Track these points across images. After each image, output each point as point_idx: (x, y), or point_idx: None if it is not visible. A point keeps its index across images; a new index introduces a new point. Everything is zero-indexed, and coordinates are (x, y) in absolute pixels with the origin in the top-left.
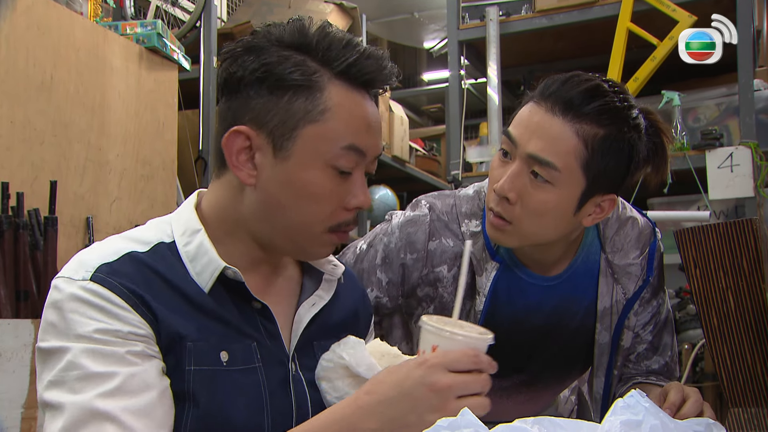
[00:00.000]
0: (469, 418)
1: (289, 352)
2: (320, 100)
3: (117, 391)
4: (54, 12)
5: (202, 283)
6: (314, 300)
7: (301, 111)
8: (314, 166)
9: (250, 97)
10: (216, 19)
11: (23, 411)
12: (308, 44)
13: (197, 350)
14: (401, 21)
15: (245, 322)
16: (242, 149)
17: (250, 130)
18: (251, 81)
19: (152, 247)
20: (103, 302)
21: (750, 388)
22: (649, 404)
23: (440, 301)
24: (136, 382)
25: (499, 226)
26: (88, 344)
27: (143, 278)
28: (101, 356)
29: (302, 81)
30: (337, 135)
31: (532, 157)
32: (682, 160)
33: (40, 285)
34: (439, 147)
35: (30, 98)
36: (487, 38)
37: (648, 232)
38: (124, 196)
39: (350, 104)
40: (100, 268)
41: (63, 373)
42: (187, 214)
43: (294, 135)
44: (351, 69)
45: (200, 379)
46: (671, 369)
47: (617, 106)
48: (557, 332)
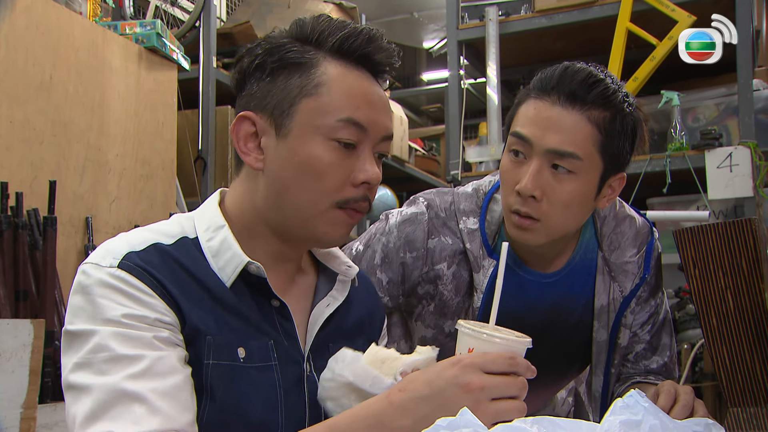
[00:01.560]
0: (468, 418)
1: (304, 352)
2: (315, 74)
3: (145, 372)
4: (53, 12)
5: (225, 278)
6: (329, 300)
7: (296, 87)
8: (313, 140)
9: (252, 86)
10: (215, 19)
11: (22, 411)
12: (303, 32)
13: (216, 344)
14: (401, 21)
15: (263, 319)
16: (249, 135)
17: (254, 114)
18: (251, 71)
19: (177, 240)
20: (130, 289)
21: (749, 388)
22: (649, 404)
23: (440, 298)
24: (163, 365)
25: (527, 226)
26: (116, 328)
27: (168, 268)
28: (129, 339)
29: (296, 59)
30: (334, 107)
31: (553, 151)
32: (682, 160)
33: (39, 285)
34: (438, 147)
35: (29, 98)
36: (487, 38)
37: (645, 231)
38: (123, 196)
39: (347, 79)
40: (127, 256)
41: (90, 355)
42: (210, 210)
43: (292, 111)
44: (343, 45)
45: (218, 374)
46: (670, 369)
47: (614, 88)
48: (555, 330)
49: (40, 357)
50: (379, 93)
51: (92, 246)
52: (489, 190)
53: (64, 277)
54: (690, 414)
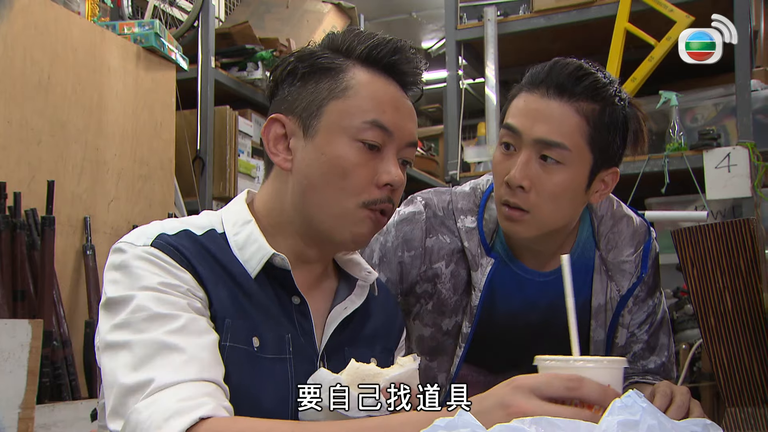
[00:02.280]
0: (466, 418)
1: (319, 350)
2: (343, 79)
3: (182, 329)
4: (51, 11)
5: (250, 269)
6: (346, 304)
7: (325, 90)
8: (340, 141)
9: (284, 91)
10: (214, 19)
11: (20, 411)
12: (334, 42)
13: (234, 328)
14: (399, 21)
15: (283, 313)
16: (279, 137)
17: (284, 116)
18: (284, 77)
19: (206, 231)
20: (163, 263)
21: (747, 388)
22: (647, 404)
23: (439, 297)
24: (198, 326)
25: (517, 217)
26: (153, 292)
27: (197, 252)
28: (165, 302)
29: (327, 64)
30: (360, 110)
31: (541, 141)
32: (680, 160)
33: (38, 285)
34: (437, 147)
35: (27, 98)
36: (485, 38)
37: (643, 231)
38: (121, 196)
39: (374, 84)
40: (160, 236)
41: (130, 316)
42: (237, 207)
43: (320, 113)
44: (371, 53)
45: (234, 357)
46: (668, 369)
47: (604, 82)
48: (553, 328)
49: (38, 357)
50: (405, 101)
51: (90, 246)
52: (487, 189)
53: (62, 277)
54: (686, 414)
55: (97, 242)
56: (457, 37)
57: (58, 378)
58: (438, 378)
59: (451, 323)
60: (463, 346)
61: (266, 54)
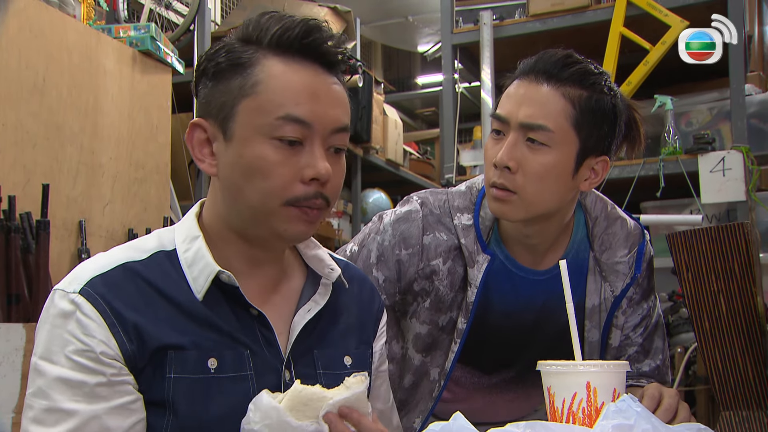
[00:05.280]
0: (461, 422)
1: (284, 358)
2: (252, 73)
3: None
4: (47, 15)
5: (198, 288)
6: (310, 306)
7: (236, 89)
8: (255, 141)
9: (200, 93)
10: (210, 23)
11: (14, 416)
12: (246, 31)
13: (180, 359)
14: (395, 25)
15: (241, 329)
16: (202, 142)
17: (204, 121)
18: (198, 79)
19: (150, 255)
20: (83, 318)
21: (741, 391)
22: (641, 409)
23: (436, 294)
24: (92, 427)
25: (503, 197)
26: (62, 370)
27: (134, 288)
28: (70, 387)
29: (234, 60)
30: (272, 106)
31: (525, 124)
32: (675, 164)
33: (32, 288)
34: (433, 150)
35: (22, 101)
36: (481, 42)
37: (637, 233)
38: (117, 200)
39: (286, 74)
40: (90, 282)
41: (33, 400)
42: (188, 222)
43: (233, 113)
44: (281, 39)
45: (181, 388)
46: (663, 372)
47: (593, 70)
48: (546, 328)
49: None
50: (325, 85)
51: (85, 249)
52: (482, 188)
53: (57, 280)
54: (673, 417)
55: (93, 246)
56: (453, 40)
57: None
58: (431, 373)
59: (446, 319)
60: (458, 342)
61: None
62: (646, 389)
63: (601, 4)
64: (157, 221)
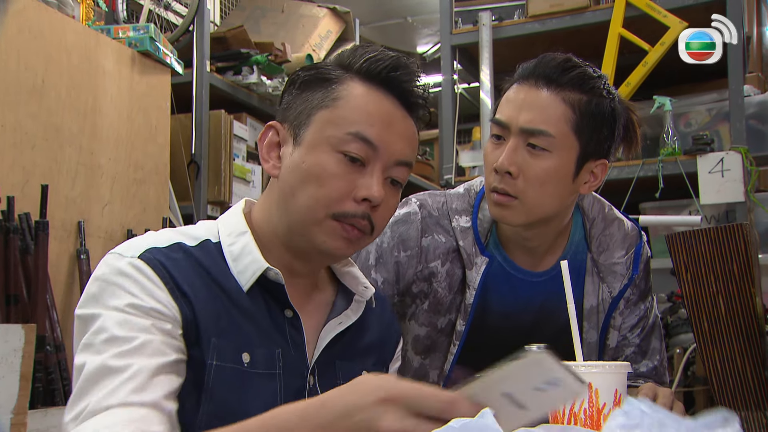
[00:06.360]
0: (487, 421)
1: (309, 365)
2: (335, 89)
3: (132, 351)
4: (46, 15)
5: (243, 281)
6: (341, 319)
7: (317, 99)
8: (322, 150)
9: (284, 99)
10: (209, 23)
11: (12, 417)
12: (340, 57)
13: (221, 347)
14: (394, 25)
15: (275, 328)
16: (272, 144)
17: (279, 124)
18: (287, 87)
19: (200, 242)
20: (143, 279)
21: (740, 392)
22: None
23: (435, 296)
24: (153, 347)
25: (504, 202)
26: (119, 314)
27: (188, 266)
28: (127, 324)
29: (322, 75)
30: (346, 121)
31: (526, 130)
32: (674, 165)
33: (31, 289)
34: (432, 151)
35: (21, 102)
36: (480, 43)
37: (634, 234)
38: (116, 201)
39: (366, 97)
40: (149, 250)
41: (92, 337)
42: (234, 217)
43: (309, 121)
44: (369, 67)
45: (220, 376)
46: (660, 373)
47: (592, 74)
48: (545, 329)
49: (30, 362)
50: (401, 118)
51: (84, 250)
52: (480, 190)
53: (55, 281)
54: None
55: (91, 247)
56: (452, 41)
57: (51, 383)
58: (430, 375)
59: (445, 321)
60: (457, 344)
61: (261, 58)
62: (641, 389)
63: (600, 5)
64: (156, 222)
